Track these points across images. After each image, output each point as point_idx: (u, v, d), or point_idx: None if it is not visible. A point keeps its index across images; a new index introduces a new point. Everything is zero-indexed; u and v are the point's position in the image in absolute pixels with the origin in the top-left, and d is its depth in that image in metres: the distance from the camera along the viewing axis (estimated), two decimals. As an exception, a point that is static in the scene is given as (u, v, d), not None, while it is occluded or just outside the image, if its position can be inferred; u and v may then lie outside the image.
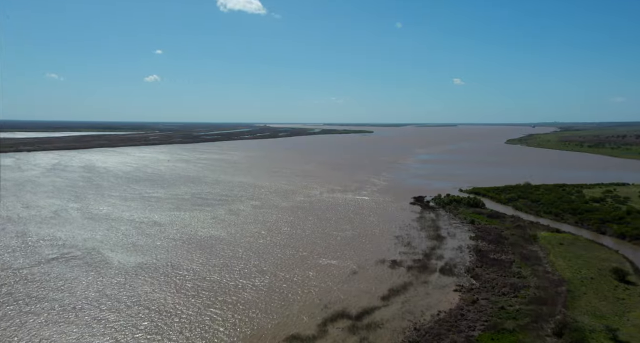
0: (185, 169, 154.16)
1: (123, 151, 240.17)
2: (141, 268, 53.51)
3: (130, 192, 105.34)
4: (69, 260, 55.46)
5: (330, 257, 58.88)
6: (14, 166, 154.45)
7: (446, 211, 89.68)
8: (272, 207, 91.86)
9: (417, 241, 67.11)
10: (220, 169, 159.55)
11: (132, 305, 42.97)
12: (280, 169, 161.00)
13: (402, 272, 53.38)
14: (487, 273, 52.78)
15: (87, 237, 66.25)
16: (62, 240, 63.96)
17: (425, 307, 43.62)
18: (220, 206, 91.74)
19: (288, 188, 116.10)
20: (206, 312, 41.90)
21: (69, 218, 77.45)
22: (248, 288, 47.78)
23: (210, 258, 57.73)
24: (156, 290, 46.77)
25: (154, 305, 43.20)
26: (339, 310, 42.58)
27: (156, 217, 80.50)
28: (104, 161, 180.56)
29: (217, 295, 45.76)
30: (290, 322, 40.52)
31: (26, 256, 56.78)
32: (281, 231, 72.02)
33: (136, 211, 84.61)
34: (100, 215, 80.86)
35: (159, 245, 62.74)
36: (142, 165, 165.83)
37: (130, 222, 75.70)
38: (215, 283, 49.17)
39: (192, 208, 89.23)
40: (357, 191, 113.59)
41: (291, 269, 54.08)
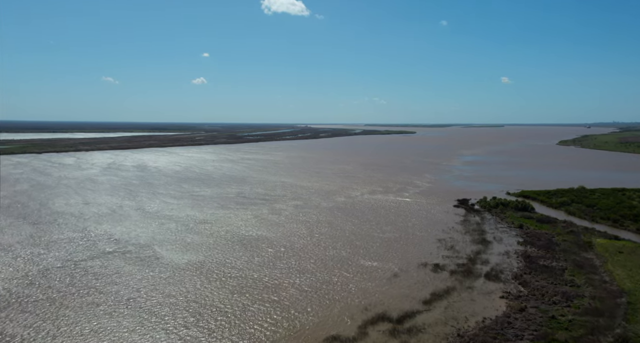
0: (231, 169, 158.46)
1: (172, 151, 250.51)
2: (189, 264, 55.64)
3: (180, 191, 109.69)
4: (123, 254, 58.64)
5: (371, 259, 58.51)
6: (75, 165, 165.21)
7: (492, 215, 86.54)
8: (313, 207, 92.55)
9: (461, 245, 65.26)
10: (263, 169, 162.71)
11: (180, 300, 44.78)
12: (321, 170, 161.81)
13: (445, 276, 52.13)
14: (536, 280, 50.44)
15: (140, 233, 69.72)
16: (117, 236, 67.71)
17: (469, 313, 42.36)
18: (263, 205, 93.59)
19: (329, 189, 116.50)
20: (249, 309, 42.92)
21: (124, 215, 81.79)
22: (289, 288, 48.45)
23: (252, 256, 59.05)
24: (202, 286, 48.47)
25: (201, 300, 44.80)
26: (380, 313, 42.25)
27: (203, 215, 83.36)
28: (155, 161, 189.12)
29: (259, 293, 46.75)
30: (330, 322, 40.69)
31: (86, 249, 60.65)
32: (321, 231, 72.41)
33: (185, 209, 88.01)
34: (152, 212, 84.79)
35: (204, 243, 64.97)
36: (190, 164, 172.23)
37: (179, 220, 78.85)
38: (258, 281, 50.24)
39: (237, 207, 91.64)
40: (398, 192, 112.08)
41: (331, 270, 54.26)
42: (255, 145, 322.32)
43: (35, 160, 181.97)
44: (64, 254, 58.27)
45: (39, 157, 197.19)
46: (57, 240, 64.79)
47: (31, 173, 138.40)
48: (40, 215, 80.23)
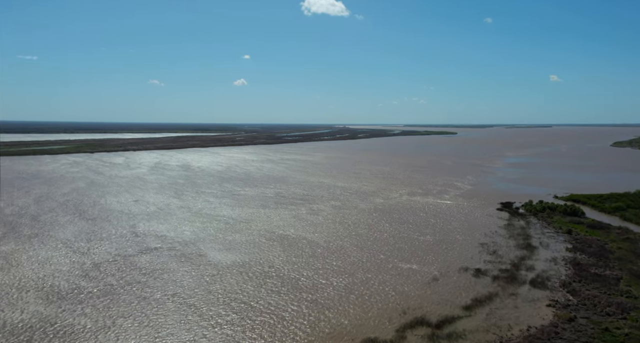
0: (271, 169, 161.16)
1: (214, 151, 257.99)
2: (229, 261, 57.23)
3: (222, 190, 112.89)
4: (168, 251, 61.18)
5: (410, 261, 57.75)
6: (124, 164, 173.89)
7: (538, 219, 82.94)
8: (351, 208, 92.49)
9: (504, 250, 63.06)
10: (302, 169, 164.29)
11: (220, 296, 46.19)
12: (359, 170, 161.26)
13: (487, 282, 50.59)
14: (587, 289, 47.88)
15: (185, 230, 72.44)
16: (163, 233, 70.71)
17: (513, 321, 40.91)
18: (302, 205, 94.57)
19: (367, 190, 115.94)
20: (287, 308, 43.59)
21: (170, 213, 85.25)
22: (326, 288, 48.74)
23: (290, 256, 59.87)
24: (243, 284, 49.72)
25: (240, 297, 45.99)
26: (418, 317, 41.66)
27: (244, 213, 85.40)
28: (198, 160, 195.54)
29: (297, 293, 47.35)
30: (367, 324, 40.59)
31: (135, 245, 63.80)
32: (359, 233, 72.25)
33: (226, 208, 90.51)
34: (196, 210, 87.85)
35: (244, 241, 66.56)
36: (232, 165, 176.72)
37: (221, 218, 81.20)
38: (295, 280, 50.89)
39: (276, 206, 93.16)
40: (439, 195, 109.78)
41: (369, 271, 54.05)
42: (294, 146, 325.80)
43: (89, 159, 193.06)
44: (115, 249, 61.60)
45: (91, 156, 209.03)
46: (109, 235, 68.56)
47: (86, 172, 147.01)
48: (94, 211, 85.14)
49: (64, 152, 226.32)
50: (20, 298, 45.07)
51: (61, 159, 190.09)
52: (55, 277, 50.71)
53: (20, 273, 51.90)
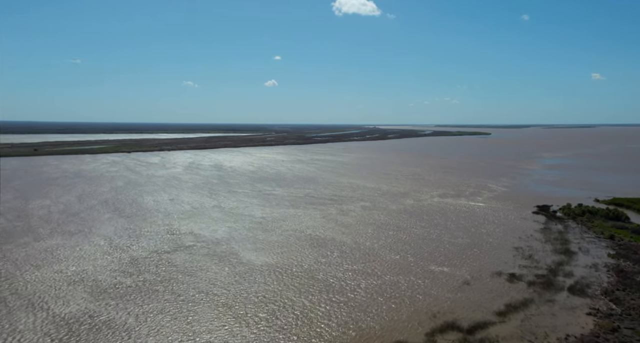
0: (301, 170, 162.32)
1: (245, 151, 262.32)
2: (260, 261, 58.16)
3: (254, 190, 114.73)
4: (201, 248, 62.84)
5: (441, 264, 56.83)
6: (160, 164, 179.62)
7: (577, 223, 79.65)
8: (381, 209, 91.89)
9: (540, 254, 60.99)
10: (332, 169, 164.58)
11: (252, 295, 47.03)
12: (390, 171, 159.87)
13: (521, 287, 49.11)
14: (632, 298, 45.64)
15: (217, 229, 74.17)
16: (197, 231, 72.66)
17: (550, 329, 39.56)
18: (332, 205, 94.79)
19: (398, 191, 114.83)
20: (316, 309, 43.88)
21: (204, 212, 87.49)
22: (355, 289, 48.71)
23: (319, 256, 60.17)
24: (272, 283, 50.44)
25: (271, 296, 46.68)
26: (449, 321, 40.98)
27: (275, 213, 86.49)
28: (230, 160, 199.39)
29: (325, 293, 47.57)
30: (396, 327, 40.31)
31: (169, 242, 65.91)
32: (388, 234, 71.71)
33: (258, 207, 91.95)
34: (228, 210, 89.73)
35: (275, 241, 67.43)
36: (263, 165, 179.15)
37: (253, 218, 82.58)
38: (323, 281, 51.12)
39: (307, 206, 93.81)
40: (471, 197, 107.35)
41: (398, 274, 53.60)
42: (324, 146, 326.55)
43: (127, 159, 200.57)
44: (150, 246, 63.85)
45: (129, 156, 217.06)
46: (145, 233, 71.11)
47: (124, 171, 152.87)
48: (132, 209, 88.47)
49: (103, 152, 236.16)
50: (67, 291, 47.50)
51: (101, 159, 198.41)
52: (97, 272, 53.13)
53: (65, 267, 54.69)
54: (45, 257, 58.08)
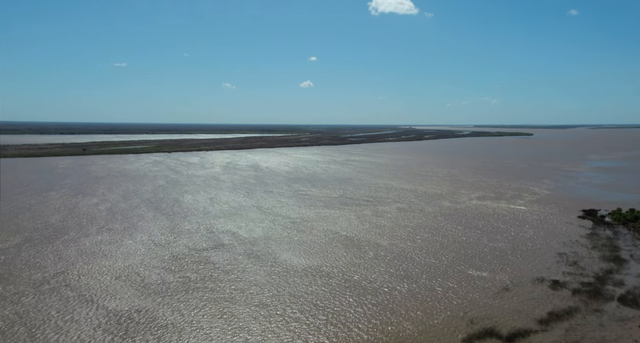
0: (337, 171, 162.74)
1: (280, 152, 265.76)
2: (295, 261, 58.94)
3: (290, 190, 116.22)
4: (238, 247, 64.41)
5: (478, 268, 55.45)
6: (199, 164, 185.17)
7: (629, 229, 75.37)
8: (416, 210, 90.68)
9: (586, 261, 58.23)
10: (367, 170, 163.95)
11: (286, 295, 47.78)
12: (426, 173, 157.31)
13: (566, 295, 47.13)
14: (686, 310, 42.79)
15: (254, 228, 75.78)
16: (235, 230, 74.52)
17: (598, 340, 37.78)
18: (367, 206, 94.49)
19: (434, 193, 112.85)
20: (349, 310, 44.01)
21: (242, 212, 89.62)
22: (390, 292, 48.42)
23: (353, 257, 60.20)
24: (307, 283, 51.02)
25: (305, 296, 47.25)
26: (487, 328, 39.98)
27: (310, 213, 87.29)
28: (266, 161, 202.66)
29: (359, 295, 47.59)
30: (432, 331, 39.77)
31: (208, 240, 68.01)
32: (424, 237, 70.68)
33: (294, 207, 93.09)
34: (265, 209, 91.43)
35: (310, 241, 68.08)
36: (299, 165, 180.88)
37: (289, 218, 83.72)
38: (357, 283, 51.13)
39: (341, 207, 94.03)
40: (512, 199, 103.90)
41: (433, 277, 52.77)
42: (359, 147, 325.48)
43: (168, 159, 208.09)
44: (190, 243, 66.11)
45: (170, 156, 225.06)
46: (185, 230, 73.70)
47: (166, 170, 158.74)
48: (173, 208, 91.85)
49: (146, 152, 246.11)
50: (114, 285, 50.08)
51: (144, 158, 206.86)
52: (141, 267, 55.65)
53: (112, 262, 57.64)
54: (94, 252, 61.44)
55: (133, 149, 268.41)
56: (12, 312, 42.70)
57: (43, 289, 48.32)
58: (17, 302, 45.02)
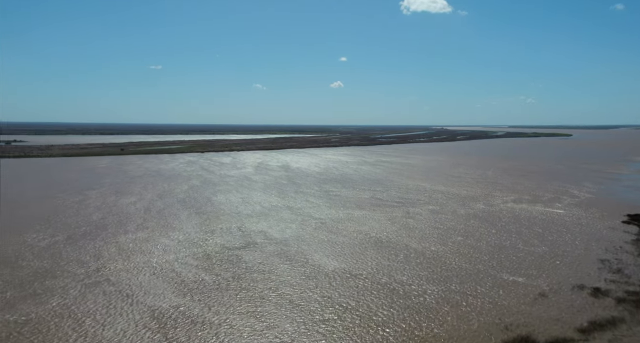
0: (367, 171, 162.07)
1: (310, 152, 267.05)
2: (324, 261, 59.13)
3: (321, 191, 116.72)
4: (270, 247, 65.25)
5: (513, 273, 53.81)
6: (231, 164, 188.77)
7: (677, 236, 71.09)
8: (449, 213, 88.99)
9: (632, 269, 55.41)
10: (398, 171, 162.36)
11: (316, 295, 48.03)
12: (459, 174, 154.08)
13: (608, 304, 45.04)
14: None
15: (285, 228, 76.60)
16: (266, 230, 75.58)
17: (641, 352, 35.91)
18: (398, 208, 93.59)
19: (467, 195, 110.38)
20: (379, 313, 43.75)
21: (273, 212, 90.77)
22: (420, 295, 47.78)
23: (383, 259, 59.77)
24: (336, 284, 51.11)
25: (335, 297, 47.34)
26: (523, 335, 38.77)
27: (340, 214, 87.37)
28: (296, 161, 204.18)
29: (388, 298, 47.21)
30: (465, 337, 38.95)
31: (240, 239, 69.31)
32: (455, 240, 69.26)
33: (325, 208, 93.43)
34: (296, 210, 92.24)
35: (340, 242, 68.13)
36: (329, 166, 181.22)
37: (320, 218, 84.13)
38: (387, 285, 50.72)
39: (372, 208, 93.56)
40: (549, 203, 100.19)
41: (465, 281, 51.63)
42: (389, 148, 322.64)
43: (201, 159, 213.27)
44: (223, 242, 67.56)
45: (203, 156, 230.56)
46: (218, 229, 75.37)
47: (199, 170, 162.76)
48: (207, 208, 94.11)
49: (180, 152, 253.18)
50: (150, 281, 51.89)
51: (178, 158, 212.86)
52: (176, 264, 57.37)
53: (149, 258, 59.73)
54: (132, 249, 63.84)
55: (168, 149, 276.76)
56: (59, 305, 45.03)
57: (86, 283, 50.65)
58: (64, 295, 47.42)
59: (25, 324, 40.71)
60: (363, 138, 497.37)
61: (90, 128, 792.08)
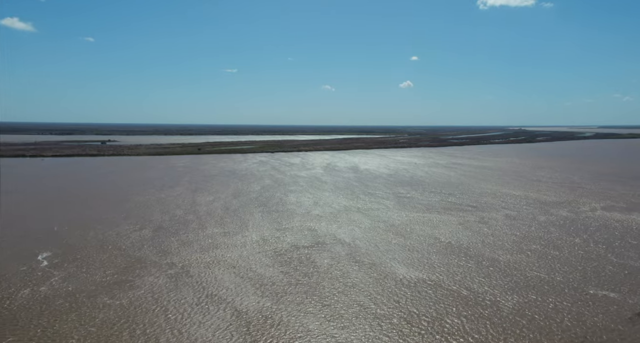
0: (439, 174, 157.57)
1: (379, 153, 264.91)
2: (393, 265, 58.67)
3: (390, 193, 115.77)
4: (339, 249, 66.12)
5: (602, 288, 49.33)
6: (301, 165, 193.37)
7: None
8: (527, 219, 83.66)
9: None
10: (471, 174, 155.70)
11: (385, 298, 47.85)
12: (539, 178, 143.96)
13: None
14: None
15: (355, 229, 77.26)
16: (335, 230, 76.77)
17: None
18: (470, 212, 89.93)
19: (549, 200, 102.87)
20: (448, 320, 42.55)
21: (343, 213, 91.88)
22: (492, 305, 45.61)
23: (452, 265, 57.85)
24: (405, 289, 50.54)
25: (403, 301, 46.85)
26: (614, 356, 35.52)
27: (410, 217, 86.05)
28: (365, 163, 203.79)
29: (457, 306, 45.71)
30: (546, 352, 36.57)
31: (309, 238, 71.11)
32: (533, 248, 64.94)
33: (394, 211, 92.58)
34: (366, 211, 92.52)
35: (409, 245, 67.15)
36: (399, 168, 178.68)
37: (389, 221, 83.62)
38: (457, 292, 49.09)
39: (443, 212, 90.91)
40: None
41: (544, 293, 48.30)
42: (461, 149, 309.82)
43: (272, 159, 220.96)
44: (294, 241, 69.74)
45: (273, 156, 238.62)
46: (289, 228, 77.91)
47: (271, 170, 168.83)
48: (279, 207, 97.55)
49: (252, 152, 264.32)
50: (226, 276, 55.21)
51: (250, 158, 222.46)
52: (250, 261, 60.40)
53: (224, 253, 63.55)
54: (210, 244, 68.28)
55: (240, 149, 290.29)
56: (148, 292, 49.64)
57: (169, 273, 55.22)
58: (152, 283, 52.16)
59: (120, 307, 45.46)
60: (433, 139, 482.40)
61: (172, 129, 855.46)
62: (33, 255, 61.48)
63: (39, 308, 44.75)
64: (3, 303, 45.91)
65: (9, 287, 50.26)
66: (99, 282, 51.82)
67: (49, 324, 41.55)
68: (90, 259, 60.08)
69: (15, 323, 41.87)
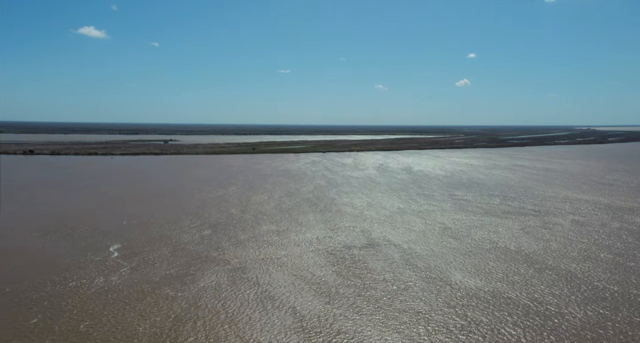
0: (498, 176, 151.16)
1: (433, 154, 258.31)
2: (448, 270, 57.18)
3: (447, 195, 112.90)
4: (394, 251, 65.54)
5: (687, 306, 44.90)
6: (353, 165, 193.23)
7: None
8: (596, 225, 78.01)
9: None
10: (534, 177, 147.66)
11: (441, 303, 46.81)
12: (612, 182, 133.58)
13: None
14: None
15: (409, 232, 76.22)
16: (388, 233, 76.22)
17: None
18: (533, 217, 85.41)
19: (622, 206, 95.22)
20: (504, 329, 40.81)
21: (398, 215, 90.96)
22: (555, 316, 43.07)
23: (510, 273, 55.27)
24: (461, 295, 49.08)
25: (458, 308, 45.57)
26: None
27: (468, 221, 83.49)
28: (418, 163, 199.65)
29: (515, 314, 43.67)
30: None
31: (361, 239, 71.11)
32: (602, 257, 60.39)
33: (451, 213, 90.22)
34: (421, 214, 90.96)
35: (464, 249, 65.12)
36: (455, 169, 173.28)
37: (444, 224, 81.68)
38: (516, 301, 46.89)
39: (502, 216, 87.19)
40: None
41: (615, 307, 44.82)
42: (522, 150, 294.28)
43: (324, 159, 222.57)
44: (347, 241, 70.06)
45: (325, 156, 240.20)
46: (341, 227, 78.37)
47: (323, 170, 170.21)
48: (332, 207, 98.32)
49: (304, 152, 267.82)
50: (279, 273, 56.68)
51: (303, 158, 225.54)
52: (303, 259, 61.54)
53: (276, 250, 65.24)
54: (265, 242, 70.34)
55: (292, 148, 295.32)
56: (208, 287, 52.19)
57: (227, 269, 57.62)
58: (212, 279, 54.74)
59: (182, 299, 48.18)
60: (491, 139, 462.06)
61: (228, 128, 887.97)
62: (105, 247, 66.71)
63: (110, 296, 48.56)
64: (82, 289, 50.34)
65: (86, 274, 55.02)
66: (162, 275, 55.21)
67: (119, 312, 44.95)
68: (154, 253, 64.13)
69: (93, 308, 45.76)
